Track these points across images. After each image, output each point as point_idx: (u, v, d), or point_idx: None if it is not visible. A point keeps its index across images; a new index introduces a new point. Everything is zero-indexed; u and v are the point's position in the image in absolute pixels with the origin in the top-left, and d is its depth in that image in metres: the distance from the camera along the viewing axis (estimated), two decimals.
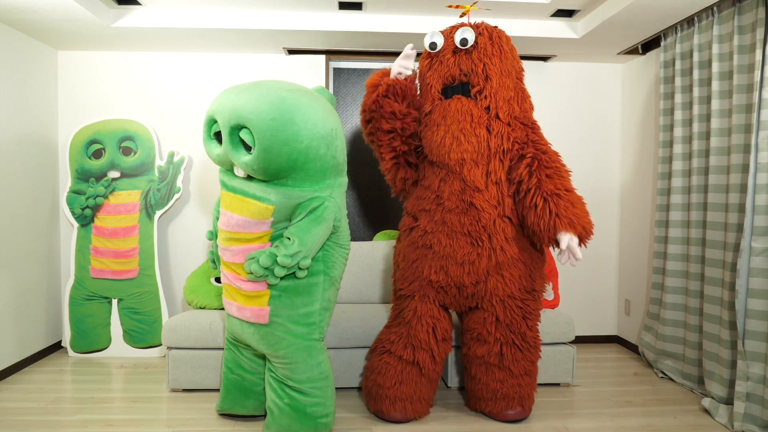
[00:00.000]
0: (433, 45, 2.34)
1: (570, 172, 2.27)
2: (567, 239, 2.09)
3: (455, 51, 2.32)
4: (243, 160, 2.01)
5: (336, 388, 2.83)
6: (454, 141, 2.24)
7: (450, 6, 2.48)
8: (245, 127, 1.97)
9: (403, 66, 2.40)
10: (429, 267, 2.33)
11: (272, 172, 2.01)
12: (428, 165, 2.40)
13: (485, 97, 2.27)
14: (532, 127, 2.33)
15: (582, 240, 2.13)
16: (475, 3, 2.49)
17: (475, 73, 2.28)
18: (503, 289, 2.30)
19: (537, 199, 2.16)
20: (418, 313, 2.38)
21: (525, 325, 2.35)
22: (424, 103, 2.41)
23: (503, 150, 2.28)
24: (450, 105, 2.28)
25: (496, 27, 2.35)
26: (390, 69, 2.46)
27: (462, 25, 2.34)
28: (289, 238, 2.03)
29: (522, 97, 2.38)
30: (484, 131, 2.26)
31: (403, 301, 2.45)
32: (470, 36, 2.25)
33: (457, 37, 2.25)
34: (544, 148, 2.27)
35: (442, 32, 2.36)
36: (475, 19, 3.11)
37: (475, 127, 2.25)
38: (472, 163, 2.27)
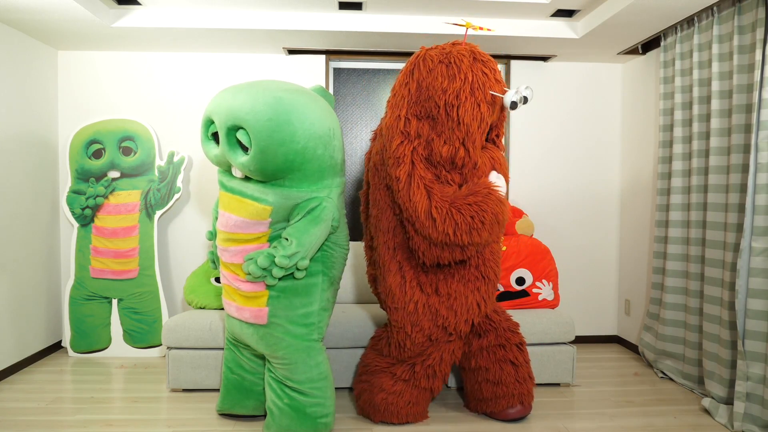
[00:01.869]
0: (525, 100, 2.10)
1: None
2: None
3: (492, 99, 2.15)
4: (240, 160, 2.01)
5: (336, 388, 2.83)
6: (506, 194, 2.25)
7: (457, 24, 2.38)
8: (242, 128, 1.96)
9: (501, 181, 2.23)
10: (483, 301, 2.29)
11: (269, 173, 2.01)
12: None
13: (500, 140, 2.36)
14: None
15: None
16: (481, 28, 2.31)
17: (501, 122, 2.31)
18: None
19: None
20: (450, 348, 2.34)
21: (501, 312, 2.49)
22: (475, 143, 2.12)
23: None
24: (498, 157, 2.26)
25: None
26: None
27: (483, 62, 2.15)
28: (287, 239, 2.03)
29: None
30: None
31: (442, 345, 2.33)
32: (531, 95, 2.13)
33: (519, 96, 2.10)
34: None
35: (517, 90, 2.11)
36: (488, 20, 3.11)
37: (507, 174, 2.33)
38: None
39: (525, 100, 2.10)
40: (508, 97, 2.06)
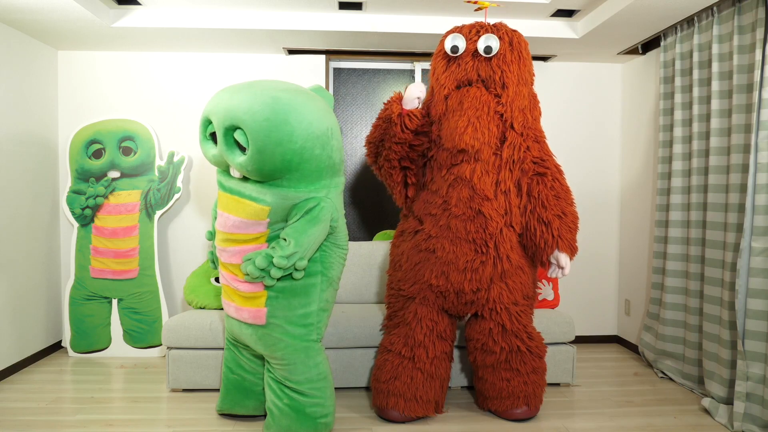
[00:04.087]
0: (455, 49, 2.28)
1: (571, 193, 2.40)
2: (565, 259, 2.28)
3: (474, 55, 2.28)
4: (238, 160, 2.00)
5: (336, 388, 2.83)
6: (470, 125, 2.21)
7: (468, 1, 2.45)
8: (239, 128, 1.96)
9: (420, 91, 2.38)
10: (430, 271, 2.32)
11: (267, 173, 2.00)
12: (437, 169, 2.37)
13: (500, 105, 2.27)
14: (542, 143, 2.37)
15: (570, 259, 2.33)
16: (494, 3, 2.44)
17: (492, 80, 2.26)
18: (507, 296, 2.33)
19: (546, 217, 2.27)
20: (418, 315, 2.39)
21: (528, 329, 2.39)
22: (436, 104, 2.37)
23: (513, 160, 2.30)
24: (468, 92, 2.26)
25: (515, 31, 2.31)
26: (400, 95, 2.41)
27: (483, 27, 2.29)
28: (285, 239, 2.03)
29: (533, 104, 2.37)
30: (495, 128, 2.26)
31: (404, 302, 2.45)
32: (495, 44, 2.22)
33: (481, 45, 2.22)
34: (553, 167, 2.34)
35: (463, 34, 2.30)
36: (491, 19, 3.11)
37: (489, 121, 2.24)
38: (483, 171, 2.27)
39: (489, 50, 2.24)
40: (447, 42, 2.31)
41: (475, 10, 2.53)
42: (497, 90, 2.27)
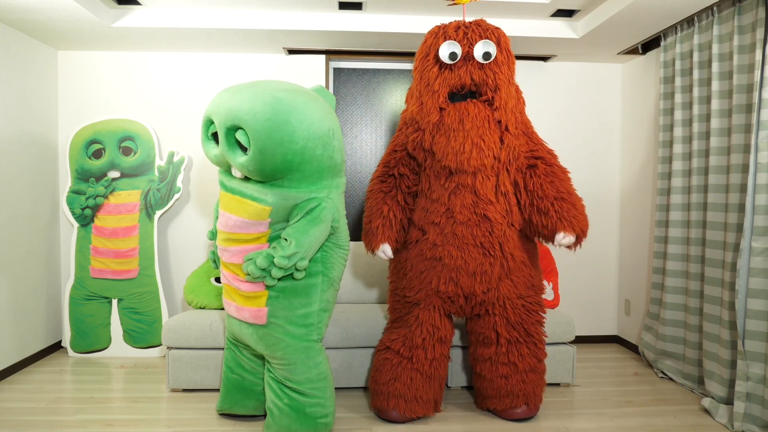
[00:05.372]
0: (453, 56, 2.20)
1: (569, 173, 2.36)
2: (567, 239, 2.26)
3: (467, 59, 2.23)
4: (239, 160, 2.01)
5: (336, 388, 2.83)
6: (474, 147, 2.18)
7: (451, 3, 2.42)
8: (241, 128, 1.96)
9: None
10: (438, 278, 2.32)
11: (268, 173, 2.00)
12: (434, 177, 2.34)
13: (495, 109, 2.23)
14: (530, 134, 2.37)
15: (579, 240, 2.29)
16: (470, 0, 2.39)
17: (485, 83, 2.22)
18: (513, 291, 2.36)
19: (544, 206, 2.28)
20: (420, 319, 2.39)
21: (530, 321, 2.40)
22: (429, 112, 2.28)
23: (509, 161, 2.30)
24: (467, 109, 2.21)
25: (498, 28, 2.28)
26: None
27: (469, 28, 2.25)
28: (286, 239, 2.03)
29: (518, 97, 2.35)
30: (497, 140, 2.24)
31: (408, 306, 2.45)
32: (493, 50, 2.18)
33: (479, 51, 2.18)
34: (545, 154, 2.34)
35: (453, 38, 2.23)
36: (472, 16, 3.11)
37: (492, 135, 2.21)
38: (484, 176, 2.27)
39: (488, 56, 2.19)
40: (443, 49, 2.22)
41: (449, 5, 2.49)
42: (489, 94, 2.23)
